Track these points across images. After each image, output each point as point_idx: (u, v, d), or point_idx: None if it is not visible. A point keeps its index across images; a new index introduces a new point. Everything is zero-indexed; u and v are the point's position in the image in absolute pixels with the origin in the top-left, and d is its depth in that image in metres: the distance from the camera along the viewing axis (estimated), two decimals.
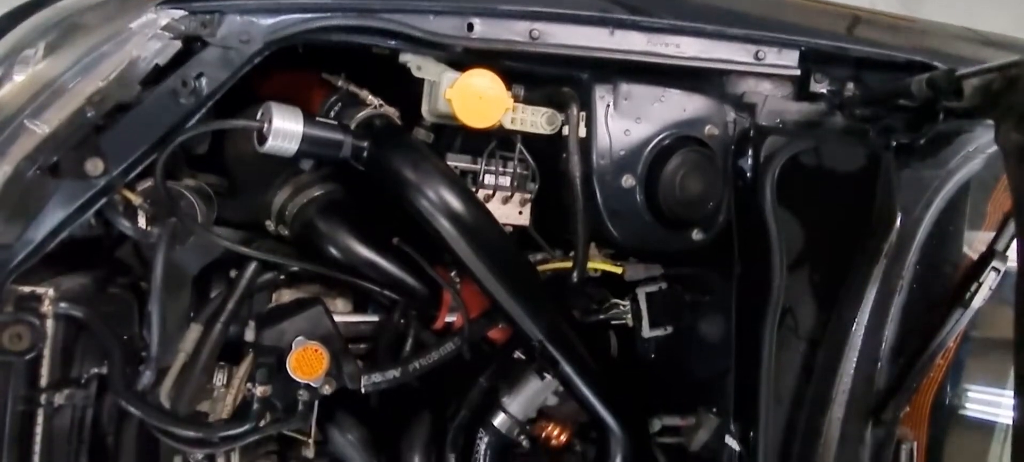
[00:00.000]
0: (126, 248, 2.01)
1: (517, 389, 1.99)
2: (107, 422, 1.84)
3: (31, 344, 1.61)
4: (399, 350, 1.80)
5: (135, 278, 1.95)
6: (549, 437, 2.35)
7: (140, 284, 1.93)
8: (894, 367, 1.87)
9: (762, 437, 1.81)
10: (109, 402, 1.83)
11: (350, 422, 1.76)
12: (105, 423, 1.85)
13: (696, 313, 2.31)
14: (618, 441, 1.93)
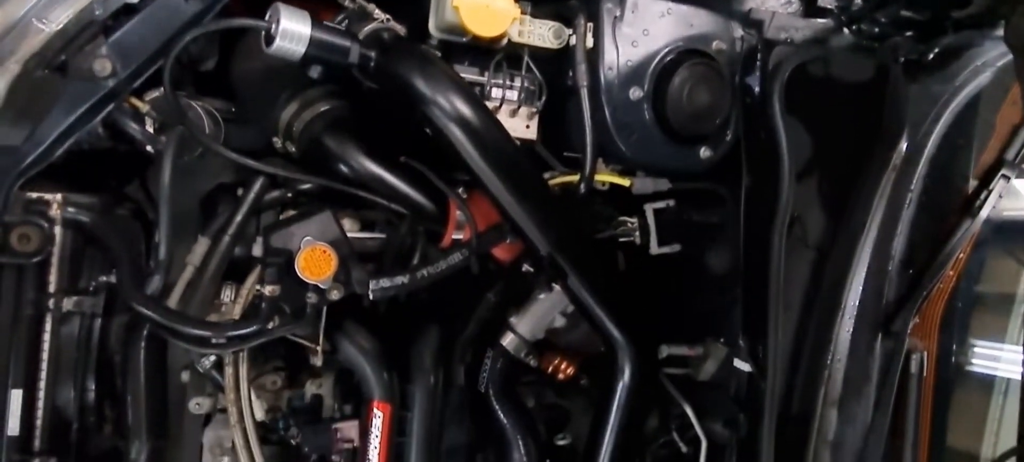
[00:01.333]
0: (132, 187, 2.01)
1: (525, 309, 1.99)
2: (115, 340, 1.85)
3: (39, 246, 1.61)
4: (407, 260, 1.79)
5: (140, 209, 1.95)
6: (556, 371, 2.35)
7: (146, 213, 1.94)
8: (904, 279, 1.86)
9: (771, 351, 1.80)
10: (117, 323, 1.85)
11: (359, 332, 1.76)
12: (113, 342, 1.87)
13: (703, 240, 2.32)
14: (626, 354, 1.92)
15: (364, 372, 1.73)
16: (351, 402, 1.82)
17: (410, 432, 1.75)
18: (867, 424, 1.81)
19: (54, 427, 1.69)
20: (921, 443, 1.83)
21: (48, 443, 1.67)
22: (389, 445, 1.73)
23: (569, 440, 2.16)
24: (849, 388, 1.83)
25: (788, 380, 1.85)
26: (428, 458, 1.76)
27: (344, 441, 1.74)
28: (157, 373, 1.76)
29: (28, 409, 1.64)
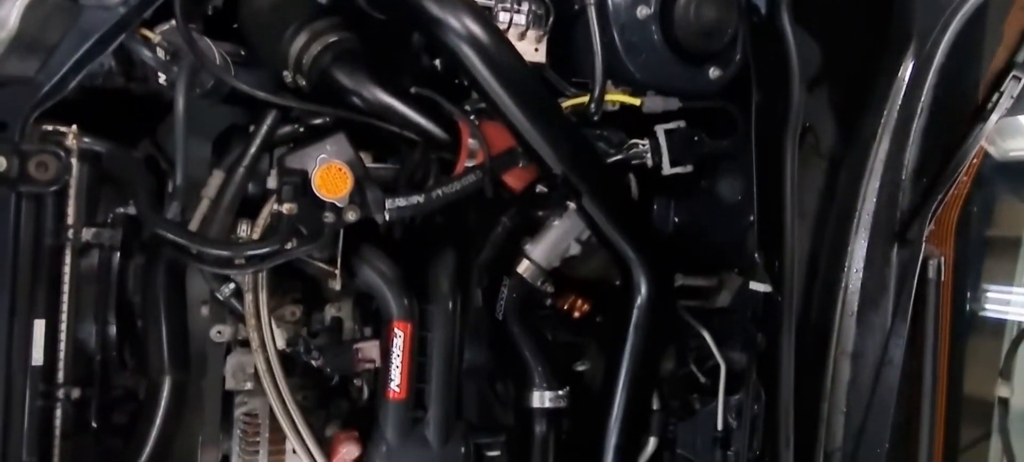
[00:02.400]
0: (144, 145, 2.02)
1: (540, 237, 1.99)
2: (134, 281, 1.86)
3: (57, 175, 1.62)
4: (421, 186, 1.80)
5: (153, 159, 1.96)
6: (572, 308, 2.36)
7: (158, 164, 1.95)
8: (917, 189, 1.86)
9: (788, 260, 1.81)
10: (135, 264, 1.86)
11: (377, 256, 1.76)
12: (132, 284, 1.88)
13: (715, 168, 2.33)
14: (641, 271, 1.92)
15: (383, 294, 1.74)
16: (371, 325, 1.83)
17: (430, 352, 1.77)
18: (886, 332, 1.81)
19: (77, 359, 1.69)
20: (941, 349, 1.83)
21: (72, 374, 1.67)
22: (410, 364, 1.74)
23: (588, 366, 2.17)
24: (866, 298, 1.83)
25: (805, 291, 1.85)
26: (448, 377, 1.77)
27: (366, 361, 1.75)
28: (177, 306, 1.77)
29: (51, 340, 1.64)
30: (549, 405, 1.93)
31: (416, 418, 1.76)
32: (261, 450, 1.76)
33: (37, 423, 1.64)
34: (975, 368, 2.02)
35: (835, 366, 1.84)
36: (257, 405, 1.79)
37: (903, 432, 1.85)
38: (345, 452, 1.74)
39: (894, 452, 1.81)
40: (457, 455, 1.77)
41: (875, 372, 1.80)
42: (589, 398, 2.14)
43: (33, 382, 1.63)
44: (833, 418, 1.84)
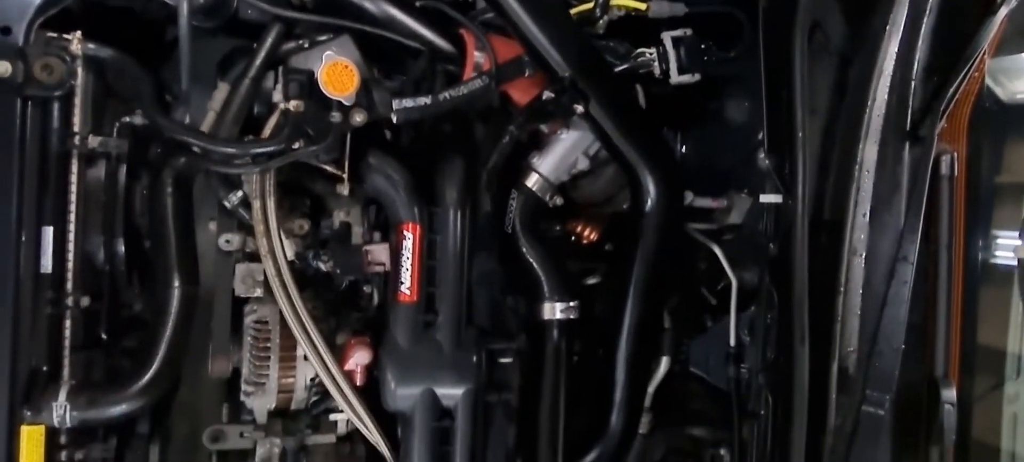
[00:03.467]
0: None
1: (548, 150, 1.98)
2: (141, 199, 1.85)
3: (62, 79, 1.61)
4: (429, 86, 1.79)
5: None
6: (581, 236, 2.35)
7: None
8: (928, 87, 1.84)
9: (799, 163, 1.79)
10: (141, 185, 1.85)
11: (385, 159, 1.74)
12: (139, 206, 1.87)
13: (721, 94, 2.31)
14: (650, 176, 1.91)
15: (391, 197, 1.73)
16: (380, 230, 1.82)
17: (440, 255, 1.75)
18: (899, 231, 1.79)
19: (86, 270, 1.69)
20: (956, 246, 1.81)
21: (81, 284, 1.67)
22: (420, 267, 1.73)
23: (599, 279, 2.15)
24: (879, 198, 1.81)
25: (817, 193, 1.83)
26: (459, 281, 1.76)
27: (375, 263, 1.74)
28: (185, 218, 1.76)
29: (60, 248, 1.64)
30: (560, 316, 1.92)
31: (427, 322, 1.75)
32: (272, 357, 1.75)
33: (47, 331, 1.65)
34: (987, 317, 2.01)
35: (849, 267, 1.81)
36: (267, 312, 1.78)
37: (919, 332, 1.82)
38: (357, 357, 1.74)
39: (910, 352, 1.78)
40: (469, 360, 1.76)
41: (889, 272, 1.77)
42: (600, 316, 2.15)
43: (42, 289, 1.64)
44: (847, 320, 1.81)
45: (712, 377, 2.16)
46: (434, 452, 1.74)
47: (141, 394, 1.67)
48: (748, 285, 2.16)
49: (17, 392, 1.59)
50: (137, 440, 1.90)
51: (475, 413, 1.76)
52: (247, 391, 1.76)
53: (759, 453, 1.96)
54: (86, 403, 1.63)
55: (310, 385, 1.77)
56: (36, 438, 1.60)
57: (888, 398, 1.76)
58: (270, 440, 1.77)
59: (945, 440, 1.79)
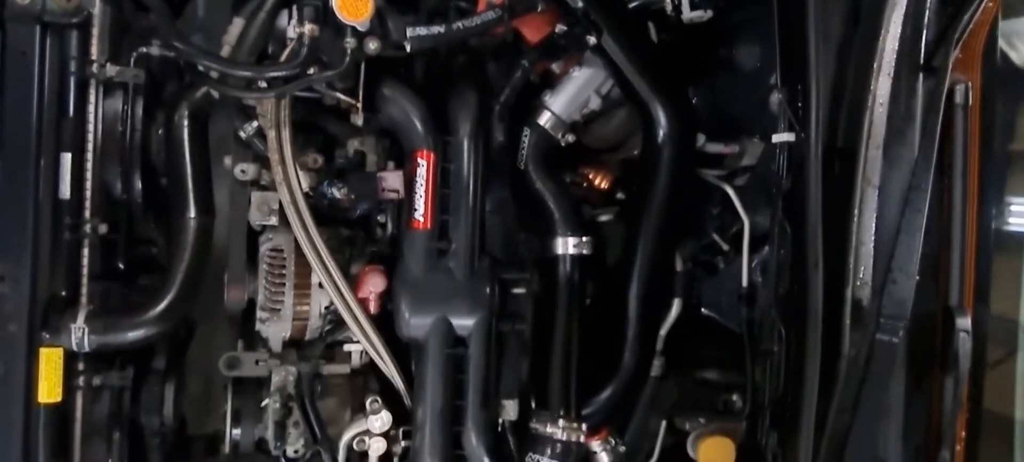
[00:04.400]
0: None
1: (560, 88, 1.98)
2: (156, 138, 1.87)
3: (80, 6, 1.63)
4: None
5: None
6: (592, 184, 2.35)
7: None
8: (942, 17, 1.83)
9: (812, 91, 1.78)
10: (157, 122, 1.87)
11: (399, 88, 1.75)
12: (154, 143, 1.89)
13: (732, 40, 2.31)
14: (662, 110, 1.92)
15: (405, 125, 1.74)
16: (394, 159, 1.83)
17: (453, 183, 1.76)
18: (913, 162, 1.79)
19: (103, 199, 1.71)
20: (971, 175, 1.81)
21: (99, 211, 1.69)
22: (434, 195, 1.74)
23: (611, 217, 2.16)
24: (892, 130, 1.80)
25: (830, 124, 1.82)
26: (472, 209, 1.77)
27: (389, 190, 1.75)
28: (201, 150, 1.77)
29: (77, 175, 1.66)
30: (573, 251, 1.92)
31: (441, 250, 1.76)
32: (287, 284, 1.77)
33: (66, 257, 1.67)
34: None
35: (862, 198, 1.81)
36: (282, 241, 1.79)
37: (933, 262, 1.82)
38: (371, 284, 1.75)
39: (924, 282, 1.78)
40: (482, 289, 1.77)
41: (903, 201, 1.77)
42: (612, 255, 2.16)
43: (60, 215, 1.66)
44: (861, 250, 1.81)
45: (724, 319, 2.16)
46: (448, 380, 1.75)
47: (158, 320, 1.68)
48: (760, 228, 2.15)
49: (36, 314, 1.61)
50: (154, 376, 1.93)
51: (488, 341, 1.77)
52: (262, 318, 1.78)
53: (772, 391, 1.96)
54: (103, 327, 1.64)
55: (324, 313, 1.79)
56: (54, 360, 1.62)
57: (902, 326, 1.76)
58: (285, 368, 1.78)
59: (960, 368, 1.78)
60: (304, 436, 1.82)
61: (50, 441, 1.62)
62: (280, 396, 1.77)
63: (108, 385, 1.73)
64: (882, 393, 1.81)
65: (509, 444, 1.84)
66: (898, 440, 1.83)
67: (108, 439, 1.74)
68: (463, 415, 1.77)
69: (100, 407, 1.73)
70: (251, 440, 1.84)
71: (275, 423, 1.78)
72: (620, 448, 2.06)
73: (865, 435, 1.82)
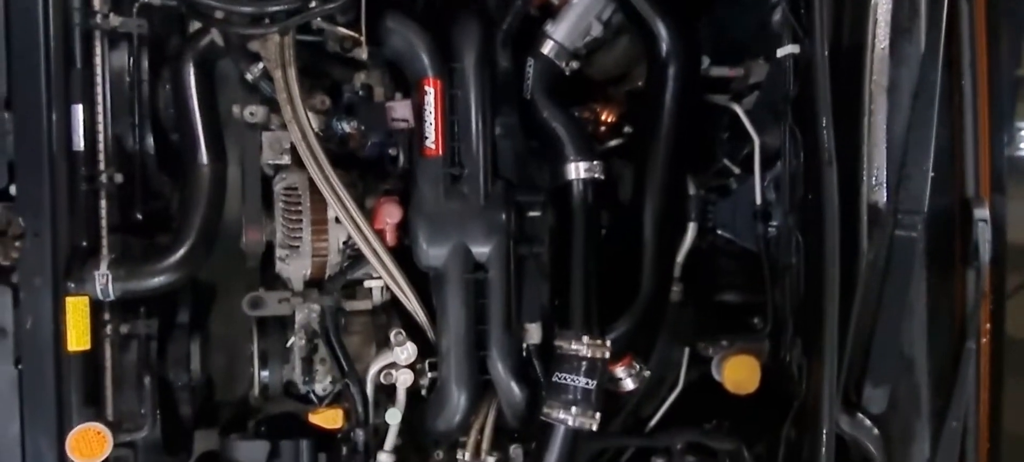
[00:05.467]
0: None
1: (562, 16, 1.97)
2: (164, 88, 1.88)
3: None
4: None
5: None
6: (599, 120, 2.35)
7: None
8: None
9: None
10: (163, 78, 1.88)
11: (402, 19, 1.75)
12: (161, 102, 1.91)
13: None
14: (665, 28, 1.91)
15: (410, 54, 1.74)
16: (401, 91, 1.83)
17: (462, 108, 1.76)
18: (920, 58, 1.78)
19: (117, 150, 1.73)
20: (979, 65, 1.79)
21: (113, 162, 1.71)
22: (443, 121, 1.74)
23: (622, 141, 2.16)
24: (897, 28, 1.80)
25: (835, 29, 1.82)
26: (483, 133, 1.76)
27: (399, 119, 1.75)
28: (209, 99, 1.79)
29: (90, 126, 1.67)
30: (585, 175, 1.92)
31: (454, 176, 1.76)
32: (304, 220, 1.78)
33: (84, 208, 1.69)
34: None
35: (871, 99, 1.80)
36: (296, 180, 1.81)
37: (948, 156, 1.82)
38: (387, 213, 1.75)
39: (939, 176, 1.77)
40: (498, 212, 1.77)
41: (913, 98, 1.77)
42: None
43: (76, 166, 1.67)
44: (874, 151, 1.80)
45: (740, 238, 2.16)
46: (470, 305, 1.76)
47: (178, 266, 1.71)
48: (770, 148, 2.15)
49: (59, 265, 1.63)
50: (179, 330, 1.95)
51: (507, 264, 1.77)
52: (281, 257, 1.79)
53: (793, 302, 1.96)
54: (126, 275, 1.67)
55: (343, 249, 1.80)
56: (81, 308, 1.64)
57: (920, 221, 1.76)
58: (308, 306, 1.80)
59: (980, 258, 1.78)
60: (331, 373, 1.85)
61: (82, 388, 1.65)
62: (305, 334, 1.79)
63: (135, 334, 1.76)
64: (904, 292, 1.80)
65: (535, 368, 1.85)
66: (922, 337, 1.83)
67: (139, 388, 1.77)
68: (487, 339, 1.79)
69: (129, 356, 1.76)
70: (279, 382, 1.87)
71: (302, 360, 1.80)
72: (644, 373, 2.07)
73: (889, 335, 1.83)
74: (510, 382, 1.81)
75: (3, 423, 1.64)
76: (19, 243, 1.65)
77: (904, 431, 1.86)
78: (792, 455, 1.94)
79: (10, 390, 1.64)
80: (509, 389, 1.82)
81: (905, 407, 1.87)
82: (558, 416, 1.73)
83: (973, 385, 1.81)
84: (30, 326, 1.63)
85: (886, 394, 1.82)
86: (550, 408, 1.74)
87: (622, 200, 2.26)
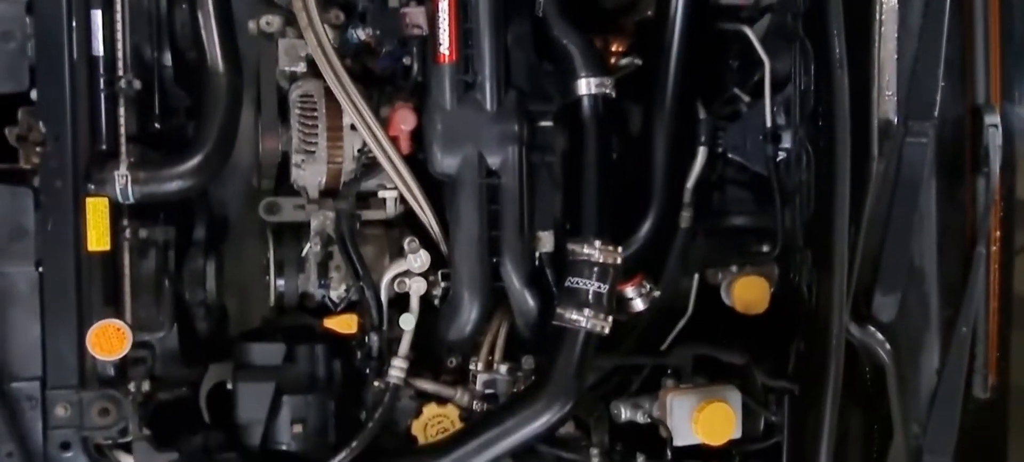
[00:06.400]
0: None
1: None
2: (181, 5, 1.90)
3: None
4: None
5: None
6: (607, 48, 2.36)
7: None
8: None
9: None
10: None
11: None
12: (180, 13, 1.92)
13: None
14: None
15: None
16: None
17: (474, 16, 1.76)
18: None
19: (135, 58, 1.75)
20: None
21: (132, 69, 1.72)
22: (457, 28, 1.75)
23: (631, 59, 2.17)
24: None
25: None
26: (496, 41, 1.77)
27: (413, 25, 1.77)
28: (225, 10, 1.79)
29: (109, 32, 1.69)
30: (595, 91, 1.93)
31: (467, 83, 1.78)
32: (320, 128, 1.80)
33: (104, 113, 1.70)
34: None
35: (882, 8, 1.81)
36: (312, 87, 1.82)
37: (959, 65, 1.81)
38: (401, 119, 1.77)
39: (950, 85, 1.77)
40: (511, 119, 1.79)
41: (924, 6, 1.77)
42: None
43: (95, 71, 1.69)
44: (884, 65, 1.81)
45: (750, 161, 2.16)
46: (483, 209, 1.77)
47: (196, 171, 1.71)
48: (780, 73, 2.16)
49: (80, 167, 1.65)
50: (195, 247, 1.98)
51: (520, 170, 1.79)
52: (297, 163, 1.81)
53: (803, 219, 1.97)
54: (145, 178, 1.68)
55: (358, 156, 1.82)
56: (101, 209, 1.66)
57: (930, 127, 1.77)
58: (323, 212, 1.82)
59: (991, 164, 1.79)
60: (346, 281, 1.87)
61: (101, 288, 1.68)
62: (320, 240, 1.82)
63: (153, 240, 1.79)
64: (914, 200, 1.82)
65: (547, 277, 1.86)
66: (932, 246, 1.85)
67: (157, 293, 1.80)
68: (500, 245, 1.80)
69: (147, 263, 1.79)
70: (295, 291, 1.89)
71: (317, 265, 1.83)
72: (654, 293, 2.09)
73: (899, 244, 1.84)
74: (523, 289, 1.82)
75: (24, 325, 1.68)
76: (40, 148, 1.68)
77: (913, 341, 1.88)
78: (802, 368, 1.97)
79: (31, 292, 1.67)
80: (522, 297, 1.83)
81: (915, 317, 1.88)
82: (572, 317, 1.74)
83: (983, 291, 1.83)
84: (51, 228, 1.66)
85: (896, 302, 1.84)
86: (563, 310, 1.76)
87: (632, 133, 2.31)
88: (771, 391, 2.07)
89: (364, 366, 1.85)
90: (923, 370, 1.88)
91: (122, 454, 1.77)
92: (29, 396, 1.68)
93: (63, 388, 1.68)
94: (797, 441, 2.02)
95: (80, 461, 1.71)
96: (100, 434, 1.71)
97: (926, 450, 1.84)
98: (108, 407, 1.70)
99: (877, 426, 1.92)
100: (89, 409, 1.70)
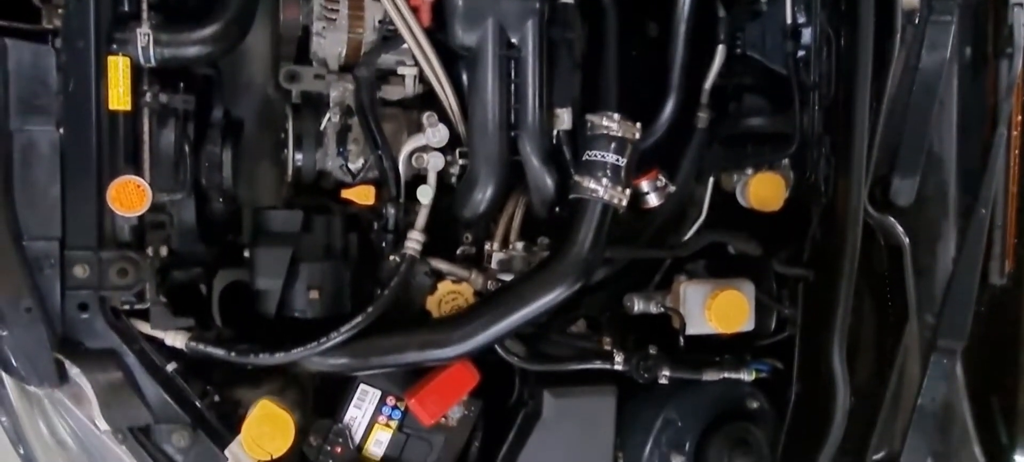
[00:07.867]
0: None
1: None
2: None
3: None
4: None
5: None
6: None
7: None
8: None
9: None
10: None
11: None
12: None
13: None
14: None
15: None
16: None
17: None
18: None
19: None
20: None
21: None
22: None
23: None
24: None
25: None
26: None
27: None
28: None
29: None
30: None
31: None
32: None
33: None
34: None
35: None
36: None
37: None
38: None
39: None
40: None
41: None
42: None
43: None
44: None
45: (769, 59, 2.15)
46: (503, 80, 1.77)
47: (217, 38, 1.72)
48: None
49: (102, 27, 1.65)
50: (213, 129, 1.98)
51: (540, 43, 1.78)
52: (318, 30, 1.81)
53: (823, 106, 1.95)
54: (167, 40, 1.68)
55: (378, 27, 1.82)
56: (122, 68, 1.66)
57: (954, 4, 1.75)
58: (343, 83, 1.83)
59: (1015, 43, 1.77)
60: (364, 154, 1.87)
61: (121, 147, 1.68)
62: (339, 110, 1.82)
63: (173, 107, 1.78)
64: (936, 82, 1.81)
65: (564, 155, 1.86)
66: (952, 133, 1.84)
67: (176, 165, 1.80)
68: (518, 119, 1.80)
69: (166, 130, 1.78)
70: (312, 166, 1.88)
71: (336, 134, 1.83)
72: (669, 188, 2.08)
73: (919, 128, 1.83)
74: (540, 164, 1.83)
75: (44, 185, 1.67)
76: (62, 9, 1.68)
77: (931, 229, 1.88)
78: (817, 255, 1.96)
79: (52, 152, 1.67)
80: (539, 173, 1.84)
81: (933, 205, 1.88)
82: (589, 186, 1.75)
83: (1003, 175, 1.82)
84: (72, 88, 1.66)
85: (914, 186, 1.83)
86: (581, 179, 1.76)
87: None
88: (785, 284, 2.08)
89: (380, 239, 1.85)
90: (939, 257, 1.88)
91: (139, 321, 1.78)
92: (48, 256, 1.68)
93: (82, 248, 1.69)
94: (810, 335, 2.03)
95: (98, 323, 1.71)
96: (118, 296, 1.72)
97: (940, 335, 1.85)
98: (127, 267, 1.71)
99: (892, 312, 1.93)
100: (108, 270, 1.70)
